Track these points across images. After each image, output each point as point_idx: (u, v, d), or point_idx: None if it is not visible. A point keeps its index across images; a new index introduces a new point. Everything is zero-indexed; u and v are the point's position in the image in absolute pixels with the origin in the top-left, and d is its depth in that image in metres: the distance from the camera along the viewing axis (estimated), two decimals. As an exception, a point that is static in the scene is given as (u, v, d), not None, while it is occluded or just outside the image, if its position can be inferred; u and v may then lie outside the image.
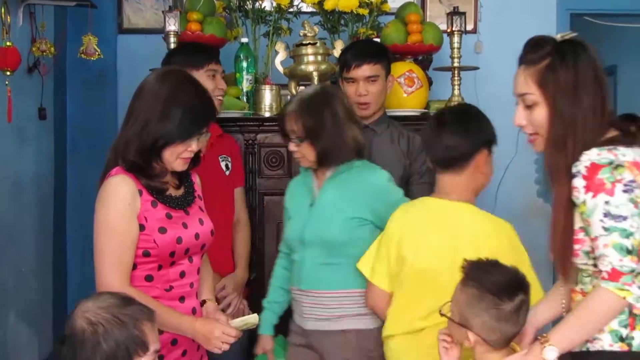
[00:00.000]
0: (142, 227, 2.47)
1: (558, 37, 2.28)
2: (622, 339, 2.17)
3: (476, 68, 4.34)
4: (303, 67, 3.92)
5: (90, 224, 2.49)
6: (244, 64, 4.09)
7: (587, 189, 2.11)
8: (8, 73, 3.68)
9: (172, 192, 2.58)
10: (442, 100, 4.16)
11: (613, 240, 2.08)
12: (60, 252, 4.76)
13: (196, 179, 2.73)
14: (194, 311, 2.61)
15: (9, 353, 3.92)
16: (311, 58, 3.92)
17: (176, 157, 2.51)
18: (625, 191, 2.09)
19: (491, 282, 2.24)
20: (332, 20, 4.27)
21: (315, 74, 3.90)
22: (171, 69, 2.63)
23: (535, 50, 2.26)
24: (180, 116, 2.47)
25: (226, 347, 2.53)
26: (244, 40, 4.14)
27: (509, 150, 5.04)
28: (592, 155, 2.12)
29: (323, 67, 3.92)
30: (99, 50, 4.30)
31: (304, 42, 3.94)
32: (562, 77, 2.19)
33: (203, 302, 2.69)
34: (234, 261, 3.55)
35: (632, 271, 2.07)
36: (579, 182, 2.12)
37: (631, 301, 2.07)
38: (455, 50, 3.93)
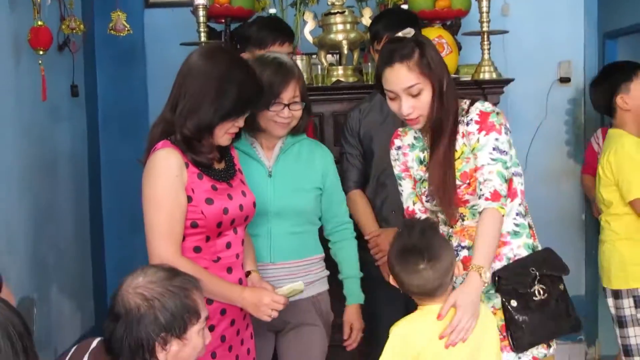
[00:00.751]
0: (189, 199, 2.54)
1: (405, 34, 2.65)
2: (533, 250, 2.74)
3: (505, 32, 4.32)
4: (332, 36, 3.94)
5: (125, 198, 2.54)
6: (273, 35, 4.09)
7: (480, 129, 2.63)
8: (41, 52, 3.71)
9: (215, 165, 2.64)
10: (472, 64, 4.15)
11: (497, 169, 2.58)
12: (97, 227, 4.82)
13: (235, 154, 2.79)
14: (240, 282, 2.67)
15: (53, 328, 4.00)
16: (340, 27, 3.93)
17: (224, 132, 2.59)
18: (506, 133, 2.65)
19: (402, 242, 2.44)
20: (359, -12, 4.27)
21: (344, 42, 3.92)
22: (218, 47, 2.69)
23: (404, 46, 2.60)
24: (235, 95, 2.55)
25: (275, 314, 2.60)
26: (272, 10, 4.15)
27: (539, 113, 5.06)
28: (478, 106, 2.67)
29: (352, 35, 3.93)
30: (128, 25, 4.31)
31: (332, 11, 3.95)
32: (432, 61, 2.60)
33: (248, 273, 2.75)
34: None
35: (505, 196, 2.59)
36: (472, 127, 2.65)
37: (503, 219, 2.58)
38: (484, 14, 3.90)
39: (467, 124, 2.66)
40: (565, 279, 5.06)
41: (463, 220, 2.74)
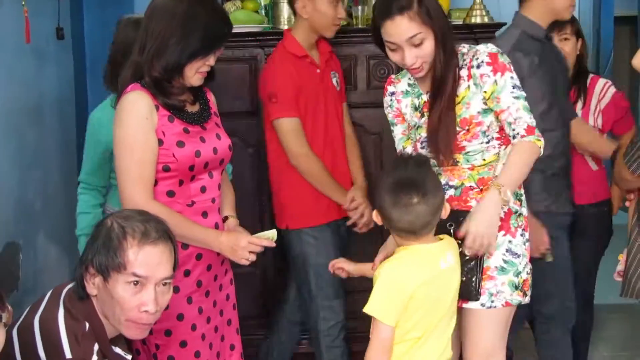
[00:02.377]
0: (160, 142, 2.51)
1: None
2: (515, 196, 2.69)
3: (498, -26, 4.25)
4: (322, -24, 3.84)
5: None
6: (262, -23, 4.03)
7: (495, 70, 2.63)
8: (24, -8, 3.64)
9: (188, 108, 2.60)
10: (464, 8, 4.09)
11: (522, 104, 2.62)
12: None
13: (211, 97, 2.76)
14: (216, 226, 2.66)
15: (39, 272, 3.98)
16: (332, -34, 3.84)
17: (195, 71, 2.54)
18: (514, 70, 2.67)
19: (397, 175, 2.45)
20: None
21: (334, -17, 3.82)
22: None
23: None
24: (202, 33, 2.51)
25: (253, 257, 2.59)
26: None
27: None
28: (485, 49, 2.67)
29: (341, -24, 3.84)
30: (115, -33, 4.23)
31: (322, -48, 3.85)
32: (431, 8, 2.60)
33: (225, 219, 2.72)
34: (352, 175, 3.68)
35: (536, 126, 2.62)
36: (485, 69, 2.63)
37: (541, 150, 2.62)
38: (477, -44, 3.84)
39: (478, 67, 2.65)
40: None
41: (456, 164, 2.72)
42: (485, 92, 2.65)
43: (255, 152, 3.97)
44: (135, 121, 2.49)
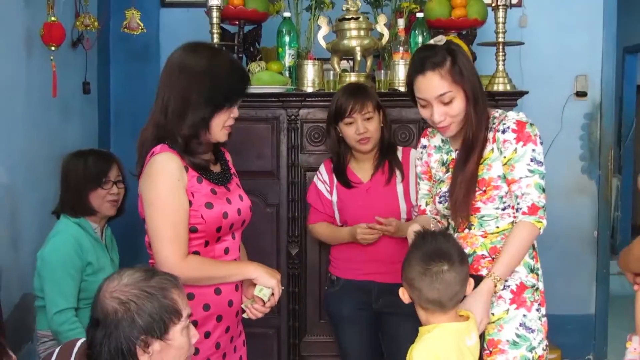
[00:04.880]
0: (190, 203, 2.50)
1: (437, 42, 2.67)
2: (531, 270, 2.70)
3: (521, 43, 4.28)
4: (346, 42, 3.89)
5: (135, 197, 2.52)
6: (287, 39, 4.06)
7: (518, 139, 2.62)
8: (53, 48, 3.70)
9: (212, 168, 2.62)
10: (487, 75, 4.10)
11: (535, 181, 2.60)
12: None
13: (229, 157, 2.77)
14: (236, 288, 2.64)
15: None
16: (354, 33, 3.89)
17: (222, 126, 2.57)
18: (541, 143, 2.65)
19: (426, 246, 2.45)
20: (375, -6, 4.23)
21: (358, 48, 3.87)
22: (197, 42, 2.64)
23: (435, 54, 2.62)
24: (223, 82, 2.53)
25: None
26: (287, 14, 4.11)
27: (554, 126, 5.00)
28: (514, 116, 2.68)
29: (366, 41, 3.89)
30: (141, 24, 4.29)
31: (347, 17, 3.91)
32: (464, 68, 2.61)
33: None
34: None
35: (544, 206, 2.61)
36: (509, 135, 2.63)
37: (541, 231, 2.60)
38: (500, 25, 3.84)
39: (503, 132, 2.65)
40: (575, 297, 5.03)
41: (470, 229, 2.73)
42: (504, 157, 2.64)
43: (275, 212, 3.97)
44: (168, 182, 2.48)
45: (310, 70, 3.93)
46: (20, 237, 3.64)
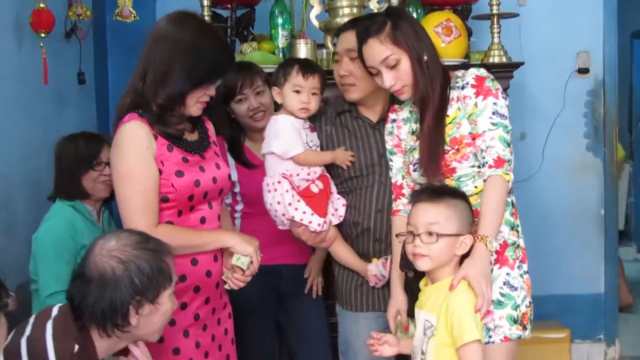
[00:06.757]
0: (160, 172, 2.47)
1: (377, 9, 2.79)
2: (512, 227, 2.67)
3: (515, 15, 4.23)
4: (338, 20, 3.86)
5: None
6: (279, 20, 4.06)
7: (478, 93, 2.61)
8: (43, 35, 3.69)
9: (187, 136, 2.59)
10: (484, 51, 4.06)
11: (499, 134, 2.57)
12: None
13: (210, 126, 2.74)
14: (215, 259, 2.61)
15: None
16: (346, 11, 3.86)
17: (196, 101, 2.53)
18: (504, 98, 2.64)
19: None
20: (367, -29, 4.19)
21: (350, 26, 3.83)
22: (186, 13, 2.60)
23: (375, 22, 2.67)
24: (206, 63, 2.49)
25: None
26: (279, -5, 4.09)
27: (557, 104, 4.93)
28: (474, 71, 2.67)
29: (358, 19, 3.85)
30: (134, 12, 4.25)
31: (339, -6, 3.87)
32: (406, 30, 2.63)
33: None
34: None
35: (510, 160, 2.56)
36: (468, 91, 2.63)
37: (510, 184, 2.57)
38: (495, -3, 3.83)
39: (463, 88, 2.65)
40: (584, 276, 4.98)
41: None
42: (467, 114, 2.64)
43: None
44: (135, 151, 2.45)
45: (302, 49, 3.90)
46: (15, 224, 3.62)
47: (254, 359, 3.28)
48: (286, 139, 2.94)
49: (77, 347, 2.09)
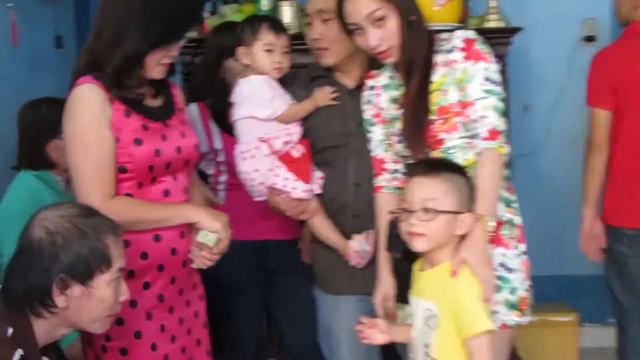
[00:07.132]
0: (116, 140, 2.28)
1: None
2: (508, 204, 2.47)
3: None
4: (325, -20, 3.64)
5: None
6: (263, -17, 3.85)
7: (467, 57, 2.38)
8: (8, -6, 3.53)
9: (148, 102, 2.38)
10: (480, 16, 3.84)
11: (492, 103, 2.34)
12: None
13: (177, 91, 2.52)
14: (182, 235, 2.42)
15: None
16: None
17: (156, 62, 2.33)
18: (495, 62, 2.41)
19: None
20: None
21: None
22: None
23: None
24: (165, 20, 2.29)
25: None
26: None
27: (562, 73, 4.71)
28: (461, 34, 2.42)
29: (346, -21, 3.63)
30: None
31: (325, -46, 3.65)
32: None
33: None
34: None
35: (505, 130, 2.35)
36: (456, 55, 2.39)
37: (505, 158, 2.35)
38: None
39: (449, 52, 2.42)
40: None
41: None
42: (455, 80, 2.40)
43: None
44: (87, 116, 2.27)
45: (287, 13, 3.70)
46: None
47: (241, 338, 3.16)
48: (269, 99, 2.76)
49: (10, 329, 1.92)
